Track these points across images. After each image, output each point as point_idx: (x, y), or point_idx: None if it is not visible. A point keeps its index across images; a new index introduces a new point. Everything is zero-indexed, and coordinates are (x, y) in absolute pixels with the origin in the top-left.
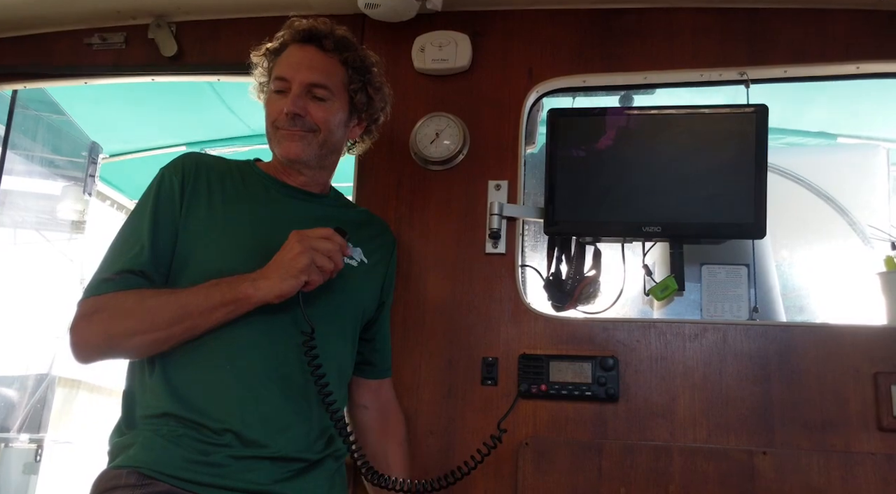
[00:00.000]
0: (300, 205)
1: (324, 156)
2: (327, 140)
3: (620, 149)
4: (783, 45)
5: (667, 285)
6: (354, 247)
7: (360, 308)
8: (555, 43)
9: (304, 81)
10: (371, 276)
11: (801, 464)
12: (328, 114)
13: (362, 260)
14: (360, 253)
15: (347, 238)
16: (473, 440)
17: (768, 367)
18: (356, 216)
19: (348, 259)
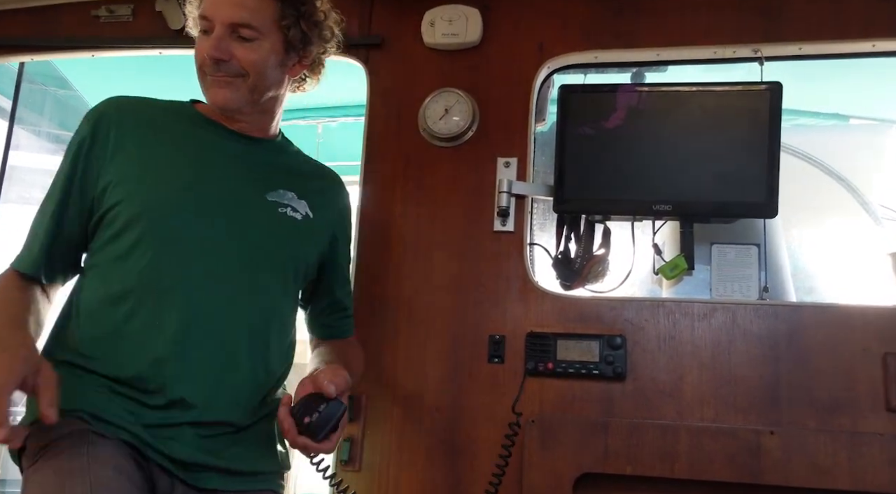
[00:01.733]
0: (239, 147)
1: (257, 101)
2: (258, 84)
3: (632, 127)
4: (798, 22)
5: (676, 264)
6: (299, 197)
7: (301, 262)
8: (566, 18)
9: (225, 21)
10: (314, 232)
11: (807, 444)
12: (256, 56)
13: (307, 213)
14: (304, 205)
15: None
16: (479, 416)
17: (777, 347)
18: (304, 166)
19: (292, 210)
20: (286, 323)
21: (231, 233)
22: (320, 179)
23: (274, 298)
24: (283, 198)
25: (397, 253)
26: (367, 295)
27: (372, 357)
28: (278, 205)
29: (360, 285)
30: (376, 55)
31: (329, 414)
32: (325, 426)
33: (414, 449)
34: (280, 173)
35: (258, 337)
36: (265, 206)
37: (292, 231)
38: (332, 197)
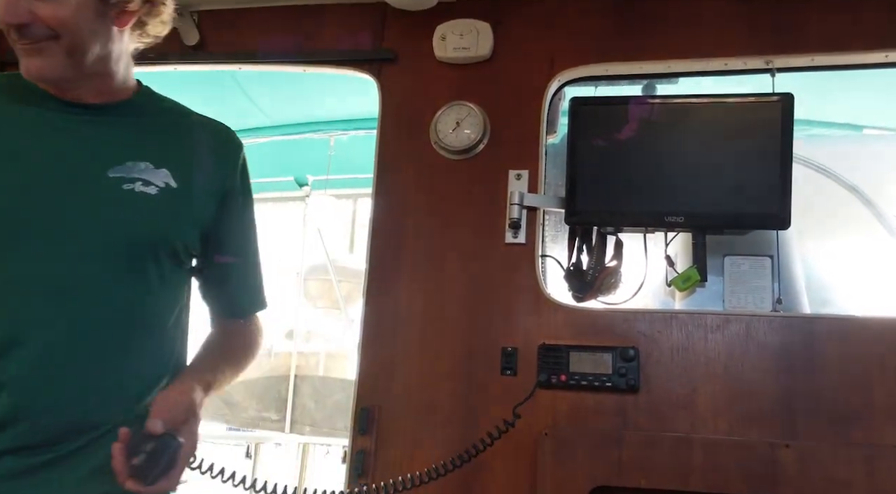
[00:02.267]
0: (73, 119)
1: (81, 65)
2: (75, 44)
3: (643, 139)
4: (810, 33)
5: (689, 276)
6: (156, 166)
7: (164, 243)
8: (577, 31)
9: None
10: (182, 203)
11: (824, 457)
12: (63, 11)
13: (168, 183)
14: (165, 174)
15: None
16: (492, 429)
17: (792, 359)
18: (174, 124)
19: (143, 184)
20: (154, 316)
21: (63, 222)
22: (198, 137)
23: (128, 290)
24: (132, 172)
25: (409, 266)
26: (379, 307)
27: (384, 369)
28: (123, 182)
29: (372, 297)
30: (388, 69)
31: (156, 454)
32: (152, 467)
33: (427, 463)
34: (129, 142)
35: (106, 340)
36: (106, 185)
37: (144, 209)
38: (217, 155)
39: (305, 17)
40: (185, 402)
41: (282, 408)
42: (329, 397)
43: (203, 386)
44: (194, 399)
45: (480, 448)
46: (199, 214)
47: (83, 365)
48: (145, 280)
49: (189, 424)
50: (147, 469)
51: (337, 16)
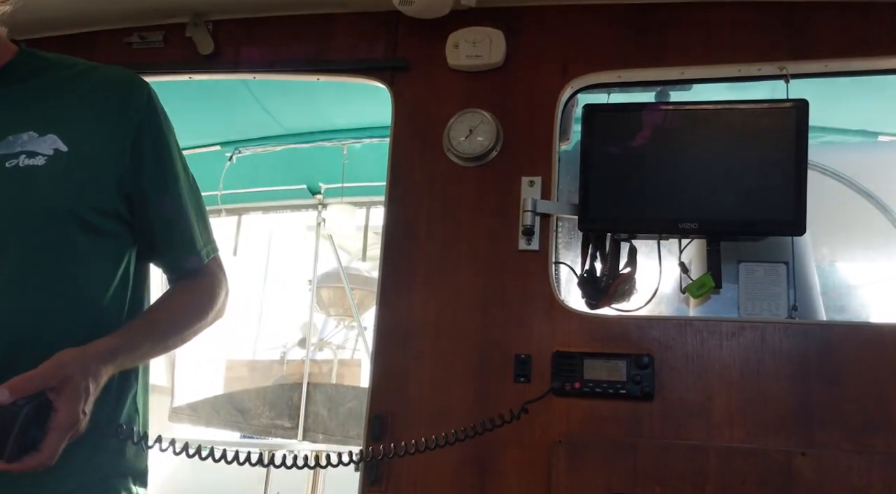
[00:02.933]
0: None
1: None
2: None
3: (657, 145)
4: (824, 39)
5: (703, 283)
6: (41, 134)
7: (48, 216)
8: (590, 38)
9: None
10: (74, 165)
11: (841, 466)
12: None
13: (58, 149)
14: (53, 140)
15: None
16: (506, 437)
17: (808, 366)
18: (60, 83)
19: (28, 157)
20: (77, 299)
21: None
22: (88, 88)
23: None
24: (15, 146)
25: (423, 273)
26: (392, 314)
27: (398, 377)
28: (6, 159)
29: (386, 304)
30: (401, 77)
31: (1, 429)
32: (3, 444)
33: (441, 470)
34: (9, 114)
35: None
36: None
37: (31, 183)
38: (113, 102)
39: (319, 26)
40: (59, 363)
41: (295, 416)
42: (342, 405)
43: (106, 352)
44: (77, 361)
45: (489, 427)
46: (103, 173)
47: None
48: (56, 260)
49: (65, 390)
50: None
51: (350, 24)
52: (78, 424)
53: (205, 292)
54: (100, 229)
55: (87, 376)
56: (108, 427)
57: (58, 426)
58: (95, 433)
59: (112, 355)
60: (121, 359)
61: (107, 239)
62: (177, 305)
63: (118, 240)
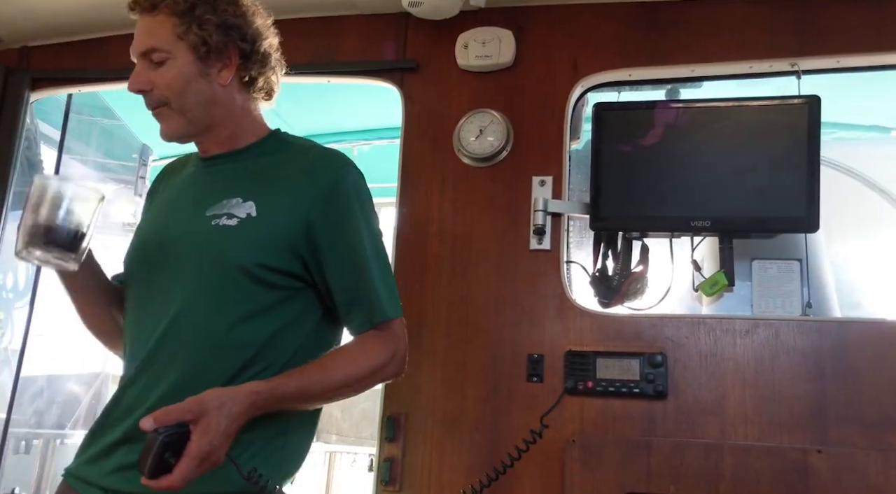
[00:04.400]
0: (198, 172)
1: (197, 122)
2: (184, 104)
3: (668, 143)
4: (836, 35)
5: (716, 281)
6: (244, 200)
7: (224, 265)
8: (599, 37)
9: (136, 52)
10: (256, 229)
11: (857, 463)
12: (169, 77)
13: (249, 214)
14: (250, 206)
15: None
16: (519, 437)
17: (822, 364)
18: (280, 162)
19: (227, 218)
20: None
21: (168, 258)
22: (292, 167)
23: (213, 312)
24: (223, 209)
25: (434, 274)
26: (404, 314)
27: (410, 377)
28: (213, 218)
29: None
30: (411, 78)
31: (144, 451)
32: (143, 463)
33: (454, 469)
34: (233, 182)
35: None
36: (199, 222)
37: (221, 238)
38: (303, 181)
39: (328, 28)
40: (200, 400)
41: None
42: (355, 405)
43: (248, 395)
44: (217, 399)
45: (508, 465)
46: (276, 238)
47: (173, 379)
48: (228, 302)
49: (201, 424)
50: (141, 462)
51: (360, 26)
52: (210, 454)
53: (365, 351)
54: (267, 282)
55: (223, 412)
56: (242, 467)
57: (189, 454)
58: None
59: (254, 396)
60: (264, 402)
61: (277, 291)
62: (332, 360)
63: (291, 294)
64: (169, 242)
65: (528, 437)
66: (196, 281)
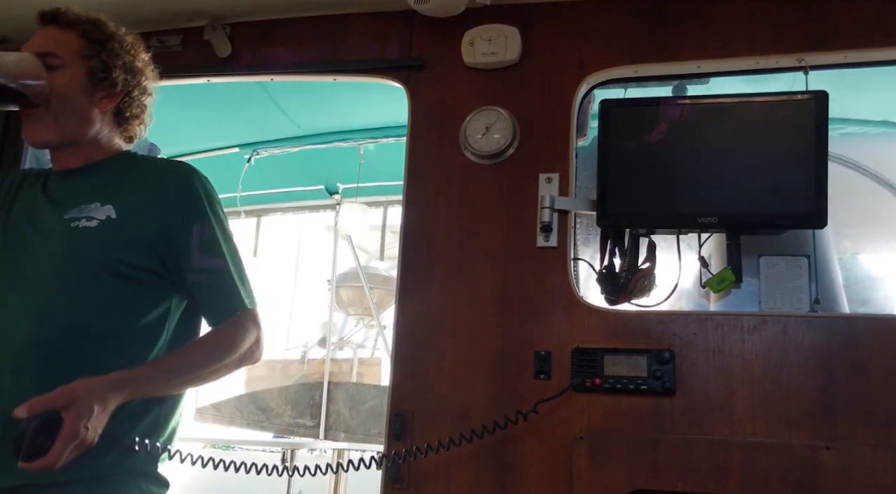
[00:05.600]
0: (53, 184)
1: (65, 129)
2: (61, 111)
3: (674, 140)
4: (843, 30)
5: (724, 277)
6: (103, 204)
7: (87, 263)
8: (605, 33)
9: (34, 50)
10: (116, 229)
11: (866, 460)
12: (58, 81)
13: (109, 216)
14: (108, 209)
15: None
16: (526, 433)
17: (831, 360)
18: (132, 173)
19: (87, 220)
20: (106, 330)
21: (29, 257)
22: (147, 175)
23: (77, 308)
24: (82, 212)
25: (441, 271)
26: (411, 313)
27: (418, 375)
28: (72, 220)
29: (405, 303)
30: (417, 76)
31: (17, 437)
32: (18, 448)
33: (461, 467)
34: (89, 190)
35: (60, 351)
36: (58, 226)
37: (83, 239)
38: (158, 186)
39: (334, 26)
40: (69, 388)
41: (316, 415)
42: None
43: (115, 383)
44: (87, 387)
45: (506, 424)
46: (136, 236)
47: (43, 373)
48: (90, 297)
49: (72, 409)
50: (16, 447)
51: (365, 24)
52: (82, 436)
53: (226, 338)
54: (133, 278)
55: (92, 399)
56: (125, 440)
57: (62, 437)
58: (113, 445)
59: (121, 384)
60: (130, 389)
61: (138, 286)
62: (195, 348)
63: (150, 289)
64: (29, 245)
65: (536, 435)
66: (56, 280)
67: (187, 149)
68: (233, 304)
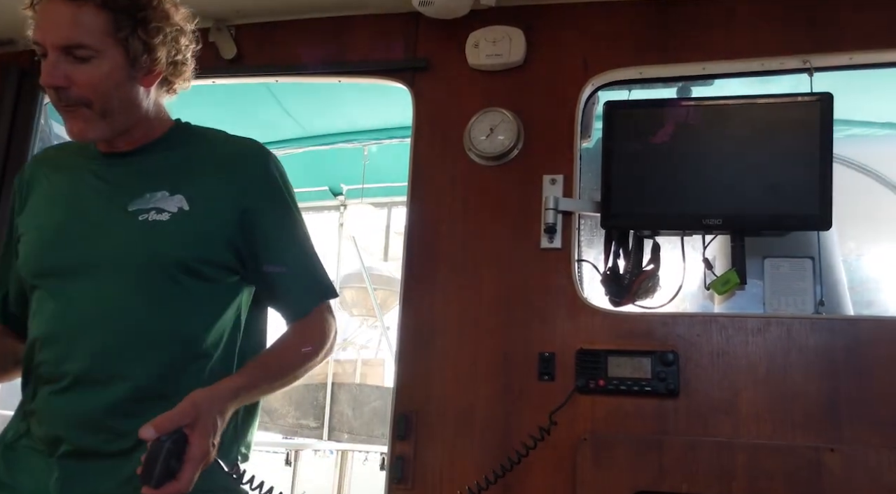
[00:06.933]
0: (106, 167)
1: (117, 125)
2: (107, 108)
3: (679, 141)
4: (848, 31)
5: (728, 279)
6: (172, 193)
7: (176, 261)
8: (610, 35)
9: (56, 44)
10: (191, 222)
11: (871, 462)
12: (95, 77)
13: (181, 207)
14: (179, 199)
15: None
16: (530, 435)
17: (835, 362)
18: (199, 152)
19: (156, 213)
20: (180, 333)
21: (89, 256)
22: (216, 158)
23: (150, 310)
24: (149, 203)
25: (445, 272)
26: (415, 314)
27: (422, 376)
28: (139, 213)
29: (409, 304)
30: (422, 78)
31: (148, 460)
32: (150, 470)
33: (466, 468)
34: (150, 176)
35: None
36: (123, 219)
37: (154, 235)
38: (232, 171)
39: (339, 28)
40: (194, 404)
41: (320, 416)
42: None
43: (230, 391)
44: (207, 401)
45: (515, 461)
46: (214, 231)
47: (103, 393)
48: (166, 299)
49: (198, 426)
50: (146, 472)
51: (370, 26)
52: (209, 455)
53: (317, 331)
54: (208, 276)
55: (216, 414)
56: (226, 460)
57: (192, 457)
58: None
59: (235, 394)
60: (242, 397)
61: (214, 284)
62: (290, 347)
63: (226, 287)
64: (88, 242)
65: (538, 435)
66: (128, 282)
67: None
68: (316, 295)
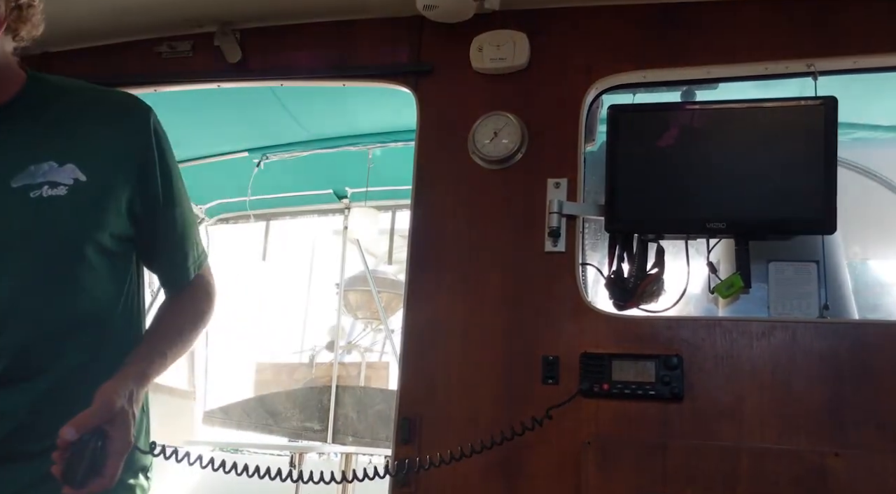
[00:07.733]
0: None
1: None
2: None
3: (684, 145)
4: (853, 35)
5: (732, 283)
6: (60, 163)
7: (71, 244)
8: (614, 39)
9: None
10: (92, 194)
11: (875, 466)
12: None
13: (77, 178)
14: (72, 169)
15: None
16: (534, 438)
17: (840, 366)
18: (69, 109)
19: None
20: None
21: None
22: (100, 116)
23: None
24: (37, 176)
25: (449, 276)
26: (419, 317)
27: (426, 379)
28: (29, 189)
29: (413, 307)
30: (426, 82)
31: (75, 456)
32: (75, 469)
33: (470, 472)
34: (28, 143)
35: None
36: (12, 197)
37: (54, 213)
38: (122, 130)
39: (343, 32)
40: (109, 400)
41: (324, 418)
42: (371, 407)
43: (137, 377)
44: (119, 393)
45: (519, 432)
46: (118, 200)
47: (28, 389)
48: (77, 283)
49: (117, 420)
50: (68, 472)
51: (374, 30)
52: (130, 445)
53: (202, 300)
54: (113, 251)
55: (131, 404)
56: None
57: (115, 451)
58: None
59: (144, 378)
60: (150, 377)
61: (117, 259)
62: (181, 317)
63: (125, 258)
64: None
65: (544, 440)
66: (27, 267)
67: (197, 154)
68: (198, 260)
